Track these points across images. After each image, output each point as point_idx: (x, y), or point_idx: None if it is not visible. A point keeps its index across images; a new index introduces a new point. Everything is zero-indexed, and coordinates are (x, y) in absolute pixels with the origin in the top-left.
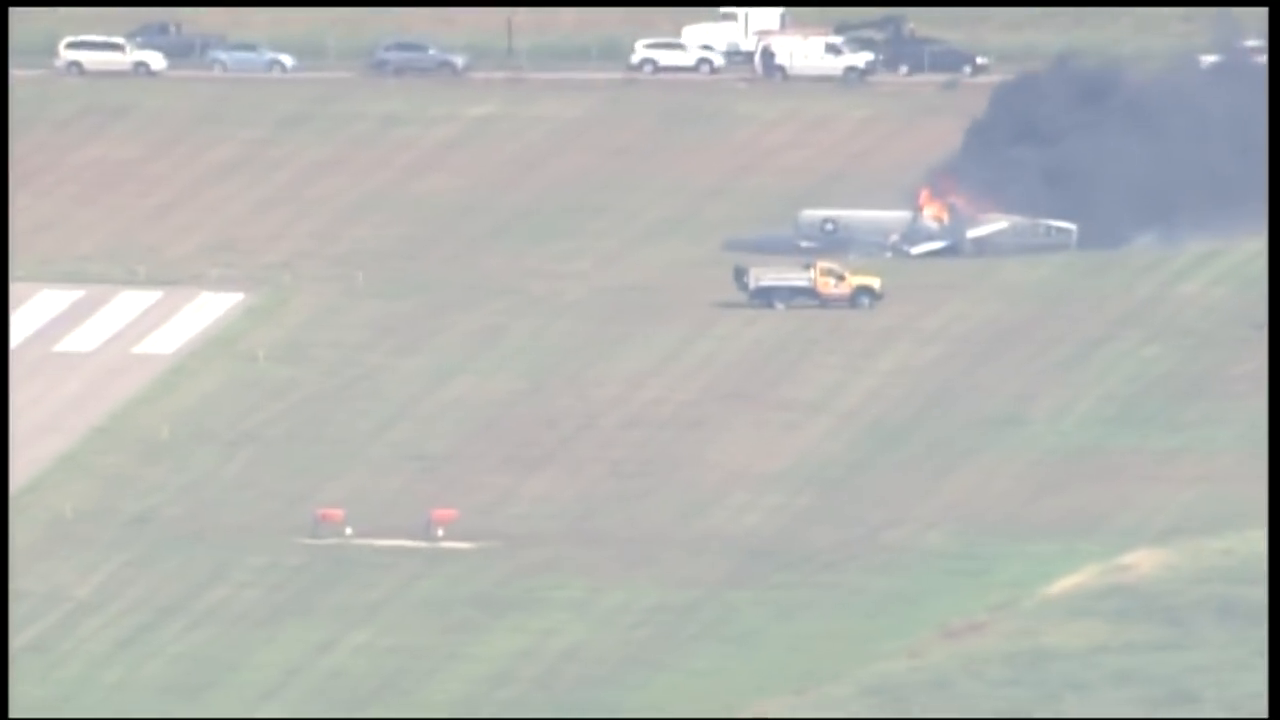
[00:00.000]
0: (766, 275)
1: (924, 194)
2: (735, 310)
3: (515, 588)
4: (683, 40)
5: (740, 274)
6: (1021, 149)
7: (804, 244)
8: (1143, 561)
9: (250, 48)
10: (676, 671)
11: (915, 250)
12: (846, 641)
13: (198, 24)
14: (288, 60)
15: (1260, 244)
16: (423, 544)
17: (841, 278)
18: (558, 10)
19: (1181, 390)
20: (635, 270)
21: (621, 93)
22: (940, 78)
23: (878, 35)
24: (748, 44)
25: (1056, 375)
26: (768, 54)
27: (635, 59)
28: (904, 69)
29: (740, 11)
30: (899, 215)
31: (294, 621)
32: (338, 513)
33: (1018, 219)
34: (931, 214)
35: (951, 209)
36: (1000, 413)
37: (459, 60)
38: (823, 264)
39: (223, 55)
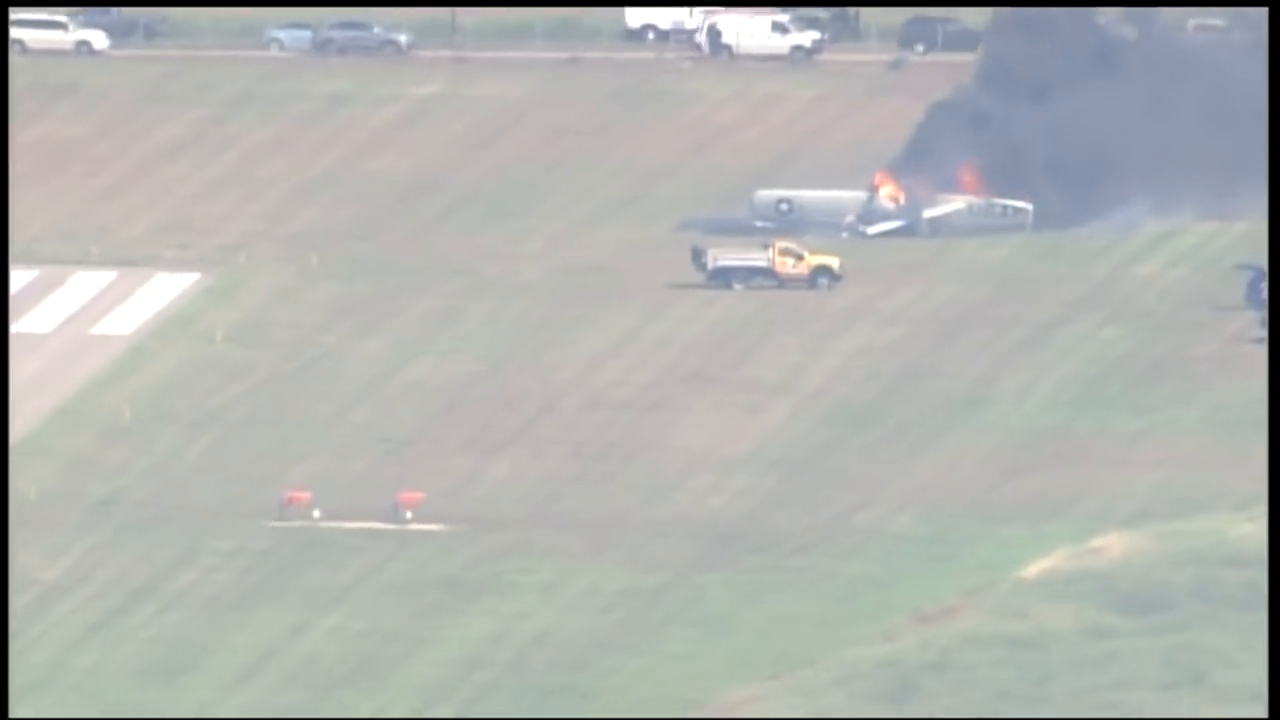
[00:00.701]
0: (724, 255)
1: (879, 174)
2: (693, 291)
3: (484, 571)
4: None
5: (698, 254)
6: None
7: (759, 224)
8: (1113, 545)
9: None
10: (649, 655)
11: (871, 230)
12: (819, 626)
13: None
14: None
15: (1214, 226)
16: (391, 526)
17: (800, 258)
18: None
19: (1143, 372)
20: (589, 251)
21: (566, 72)
22: (886, 57)
23: (822, 15)
24: (693, 22)
25: (1017, 357)
26: (714, 32)
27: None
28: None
29: None
30: (855, 195)
31: (265, 605)
32: (305, 495)
33: (974, 199)
34: (887, 194)
35: (908, 189)
36: (963, 395)
37: (403, 39)
38: (781, 244)
39: (280, 34)
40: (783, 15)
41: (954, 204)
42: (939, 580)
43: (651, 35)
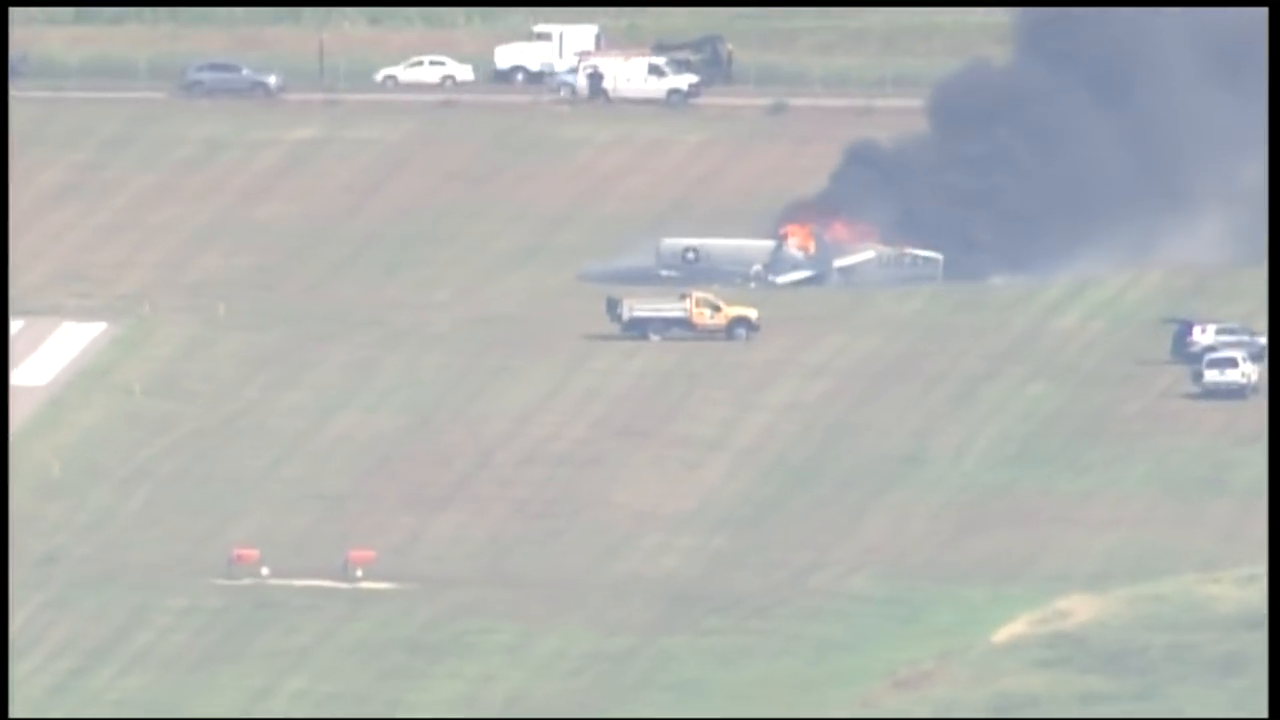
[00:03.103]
0: (640, 306)
1: (789, 224)
2: (608, 342)
3: (445, 632)
4: (440, 60)
5: (613, 305)
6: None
7: (665, 273)
8: (1079, 608)
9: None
10: None
11: (780, 280)
12: (792, 690)
13: None
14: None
15: (1128, 277)
16: (342, 585)
17: (717, 309)
18: (366, 29)
19: (1078, 429)
20: (496, 301)
21: (442, 115)
22: (763, 101)
23: (694, 56)
24: (562, 64)
25: (948, 412)
26: (596, 75)
27: (379, 77)
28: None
29: (555, 30)
30: (762, 244)
31: (226, 667)
32: (253, 553)
33: (884, 248)
34: (796, 243)
35: (817, 238)
36: (900, 451)
37: (272, 81)
38: (698, 294)
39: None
40: (658, 58)
41: (864, 254)
42: (907, 643)
43: (521, 77)
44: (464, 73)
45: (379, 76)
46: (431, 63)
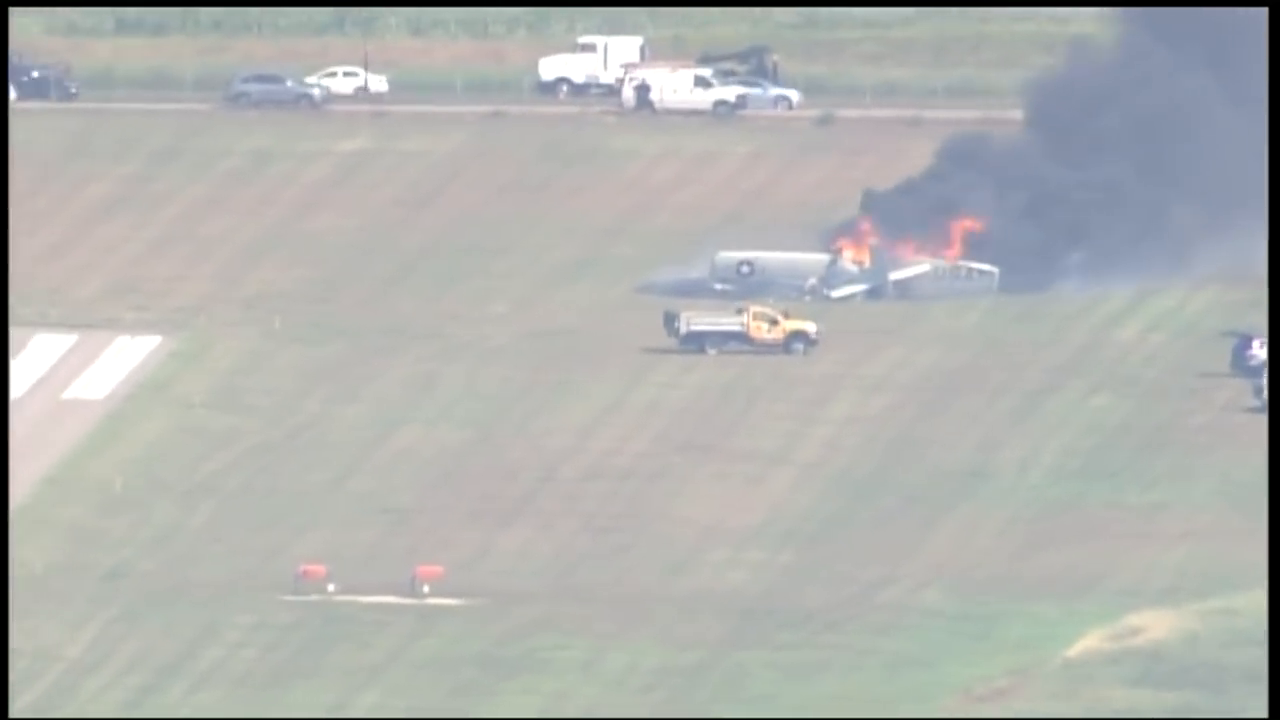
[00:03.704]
0: (698, 320)
1: (842, 238)
2: (666, 356)
3: (515, 648)
4: None
5: (671, 319)
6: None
7: (719, 286)
8: (1152, 624)
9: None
10: None
11: (835, 293)
12: (866, 706)
13: (35, 55)
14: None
15: (1187, 288)
16: (410, 600)
17: (775, 322)
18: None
19: (1143, 443)
20: (554, 314)
21: (490, 126)
22: (811, 112)
23: (740, 67)
24: (607, 76)
25: (1011, 426)
26: (643, 88)
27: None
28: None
29: (600, 41)
30: (817, 257)
31: (299, 683)
32: (320, 568)
33: (939, 261)
34: (852, 256)
35: (873, 251)
36: (964, 465)
37: (317, 92)
38: (755, 308)
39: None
40: (704, 69)
41: (919, 267)
42: (980, 659)
43: (565, 89)
44: (377, 83)
45: (312, 83)
46: (345, 74)
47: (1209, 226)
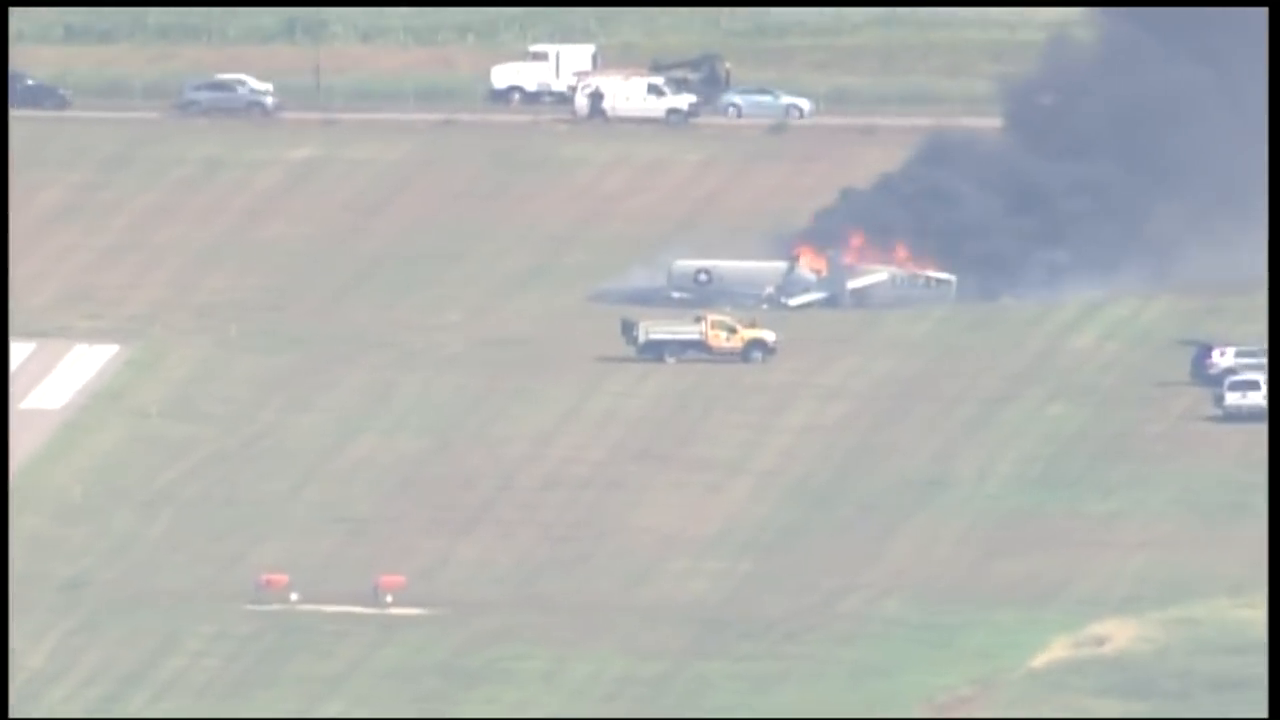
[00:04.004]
0: (656, 328)
1: (800, 245)
2: (622, 364)
3: (478, 657)
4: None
5: (629, 327)
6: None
7: (676, 295)
8: (1115, 633)
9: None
10: None
11: (793, 302)
12: (830, 716)
13: None
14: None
15: (1141, 297)
16: (371, 610)
17: (733, 331)
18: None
19: (1101, 452)
20: (508, 322)
21: (440, 134)
22: (762, 120)
23: (692, 75)
24: (559, 84)
25: (968, 434)
26: (596, 95)
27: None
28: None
29: (552, 50)
30: (774, 266)
31: (260, 693)
32: (281, 578)
33: (896, 270)
34: (809, 265)
35: (830, 260)
36: (922, 474)
37: (269, 100)
38: (714, 317)
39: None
40: (656, 77)
41: (877, 275)
42: (943, 669)
43: (517, 97)
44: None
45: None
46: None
47: (1191, 229)
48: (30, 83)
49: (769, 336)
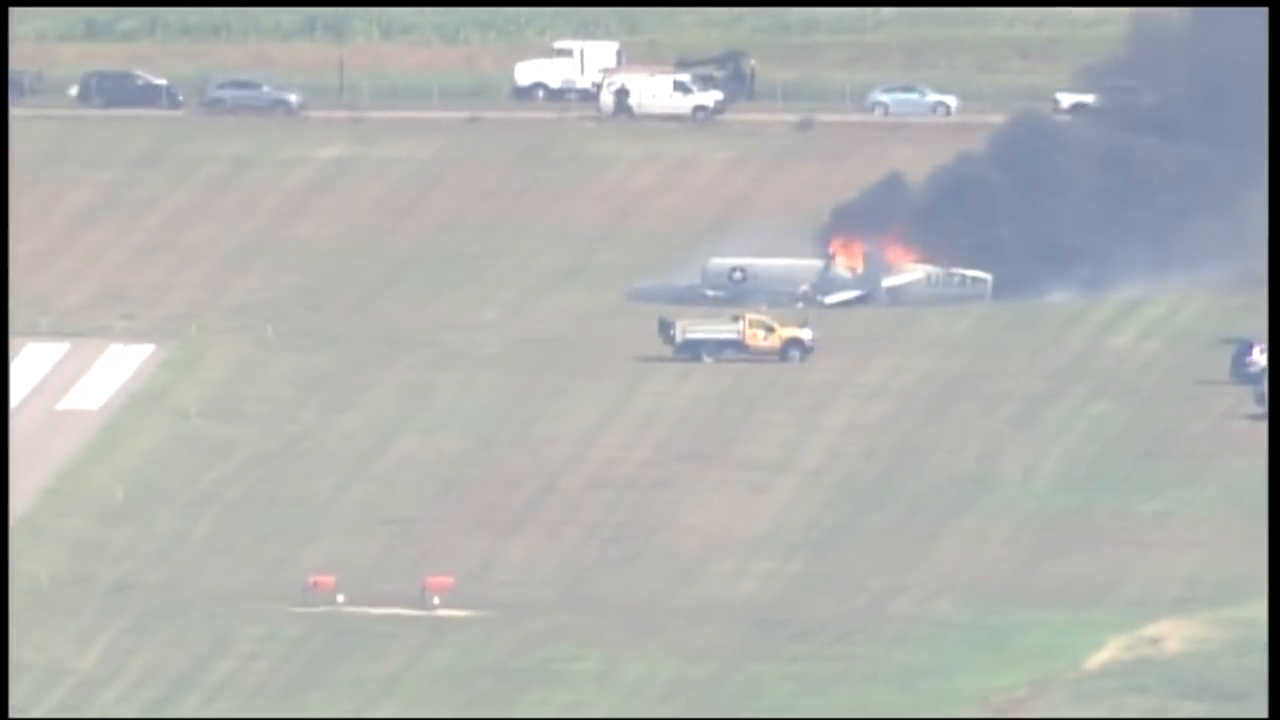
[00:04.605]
0: (694, 328)
1: (836, 242)
2: (661, 364)
3: (529, 659)
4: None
5: (666, 326)
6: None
7: (710, 293)
8: (1169, 634)
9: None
10: None
11: (828, 300)
12: (888, 717)
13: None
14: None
15: (1179, 295)
16: (419, 612)
17: (771, 330)
18: (381, 45)
19: (1145, 451)
20: (545, 321)
21: (467, 132)
22: (790, 117)
23: (717, 72)
24: (584, 81)
25: (1011, 433)
26: (622, 92)
27: None
28: None
29: (576, 46)
30: (810, 264)
31: (313, 695)
32: (328, 579)
33: (932, 268)
34: (844, 263)
35: (866, 258)
36: (967, 473)
37: (294, 98)
38: (751, 316)
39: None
40: (682, 74)
41: (913, 273)
42: (997, 670)
43: (541, 94)
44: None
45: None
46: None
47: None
48: (140, 83)
49: (806, 335)
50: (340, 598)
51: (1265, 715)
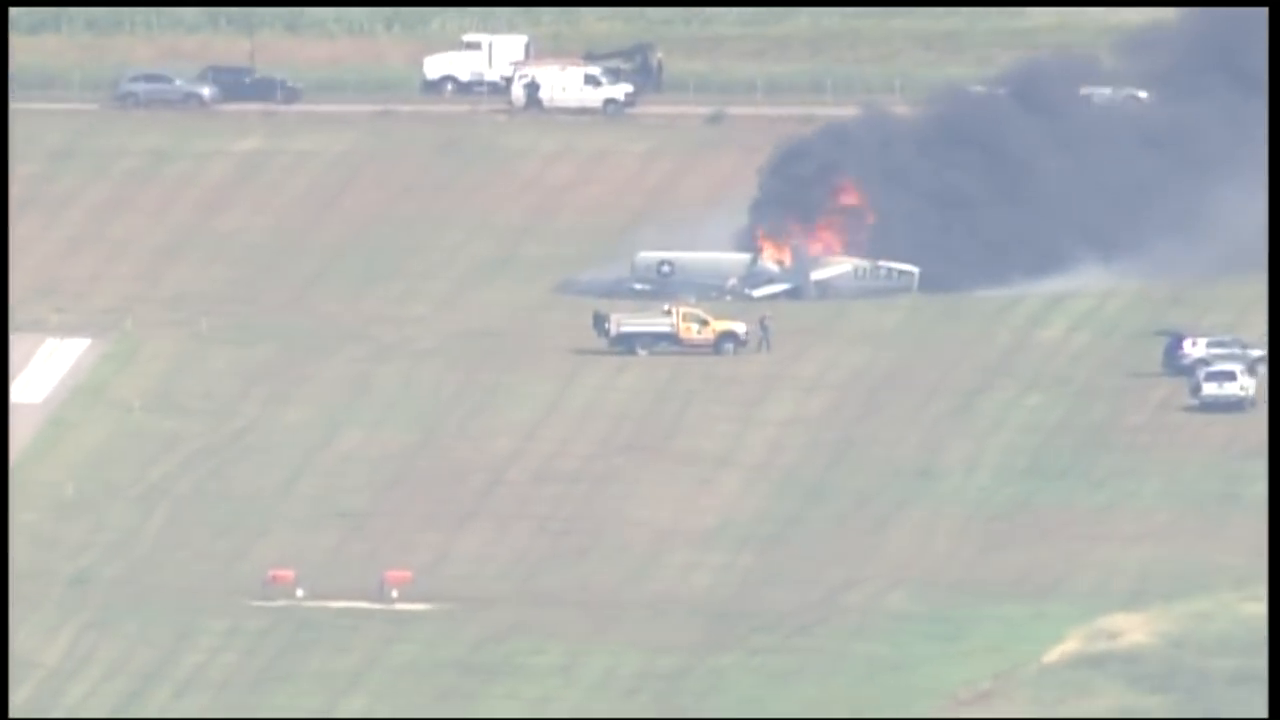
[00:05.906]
0: (629, 321)
1: (762, 235)
2: (596, 356)
3: (493, 652)
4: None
5: (600, 319)
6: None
7: (638, 286)
8: (1127, 627)
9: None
10: None
11: (757, 293)
12: (851, 710)
13: None
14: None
15: (1107, 286)
16: (379, 606)
17: (705, 323)
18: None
19: (1084, 443)
20: (477, 314)
21: (380, 125)
22: (700, 110)
23: (626, 65)
24: (493, 74)
25: (951, 426)
26: (533, 86)
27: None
28: None
29: (485, 40)
30: (738, 257)
31: (281, 688)
32: (288, 573)
33: (859, 261)
34: (772, 256)
35: (794, 251)
36: (911, 465)
37: (205, 91)
38: (685, 309)
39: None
40: (593, 67)
41: (840, 266)
42: (958, 662)
43: (450, 87)
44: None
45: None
46: None
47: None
48: (248, 80)
49: (740, 328)
50: (300, 592)
51: (1266, 715)
